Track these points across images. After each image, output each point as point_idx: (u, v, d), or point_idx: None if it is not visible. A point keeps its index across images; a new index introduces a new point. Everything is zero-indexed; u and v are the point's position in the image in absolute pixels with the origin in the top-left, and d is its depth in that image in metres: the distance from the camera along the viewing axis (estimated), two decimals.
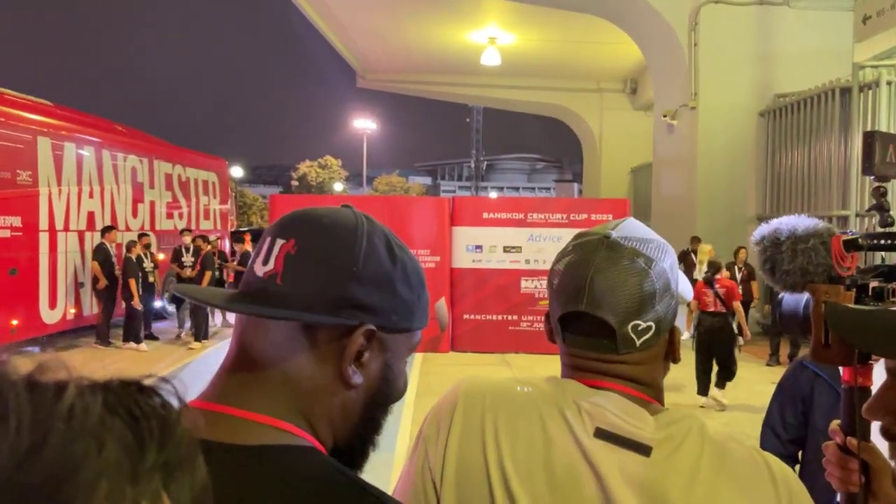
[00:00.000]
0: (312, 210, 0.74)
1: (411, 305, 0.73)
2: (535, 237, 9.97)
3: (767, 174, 11.69)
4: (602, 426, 0.84)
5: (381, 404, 0.74)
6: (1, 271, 8.94)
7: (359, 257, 0.69)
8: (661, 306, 0.88)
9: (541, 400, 0.89)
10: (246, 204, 42.35)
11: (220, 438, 0.63)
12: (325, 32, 17.39)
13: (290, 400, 0.68)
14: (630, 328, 0.87)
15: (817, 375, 1.92)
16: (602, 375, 0.89)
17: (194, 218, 14.34)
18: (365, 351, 0.70)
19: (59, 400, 0.35)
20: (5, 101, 9.43)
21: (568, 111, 21.67)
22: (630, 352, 0.88)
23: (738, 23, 11.65)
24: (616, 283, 0.87)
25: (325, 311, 0.67)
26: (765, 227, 1.69)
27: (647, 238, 0.92)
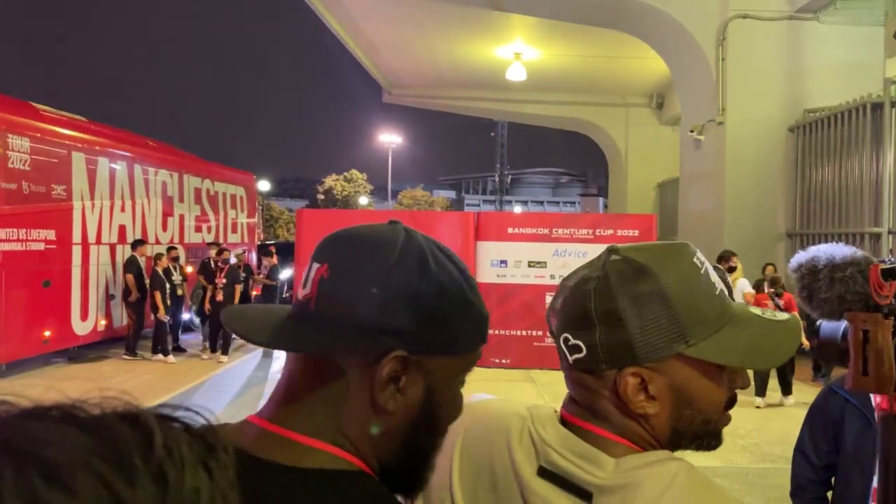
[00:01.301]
0: (351, 230, 0.74)
1: (451, 328, 0.70)
2: (560, 252, 9.93)
3: (797, 190, 11.53)
4: (544, 465, 0.81)
5: (426, 431, 0.72)
6: (35, 283, 9.14)
7: (387, 280, 0.67)
8: (598, 332, 0.79)
9: (496, 427, 0.87)
10: (272, 217, 42.81)
11: (275, 458, 0.65)
12: (352, 49, 17.58)
13: (334, 424, 0.68)
14: (562, 340, 0.83)
15: (847, 401, 1.90)
16: (573, 405, 0.85)
17: (222, 231, 14.54)
18: (401, 376, 0.68)
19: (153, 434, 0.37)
20: (41, 117, 9.68)
21: (593, 126, 21.60)
22: (568, 367, 0.84)
23: (766, 37, 11.55)
24: (564, 294, 0.85)
25: (353, 337, 0.67)
26: (802, 254, 1.67)
27: (639, 264, 0.81)
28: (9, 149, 8.58)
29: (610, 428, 0.82)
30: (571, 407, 0.86)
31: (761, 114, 11.50)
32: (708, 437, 0.85)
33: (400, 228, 0.72)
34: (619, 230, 10.03)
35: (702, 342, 0.80)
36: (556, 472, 0.79)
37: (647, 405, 0.80)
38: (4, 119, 8.64)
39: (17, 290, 8.78)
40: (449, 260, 0.72)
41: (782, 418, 7.16)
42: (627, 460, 0.79)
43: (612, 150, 21.79)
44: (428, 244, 0.72)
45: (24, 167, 8.83)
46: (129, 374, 9.26)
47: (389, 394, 0.68)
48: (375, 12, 14.92)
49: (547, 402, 8.63)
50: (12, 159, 8.63)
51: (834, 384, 2.02)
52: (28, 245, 8.94)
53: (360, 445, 0.69)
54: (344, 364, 0.68)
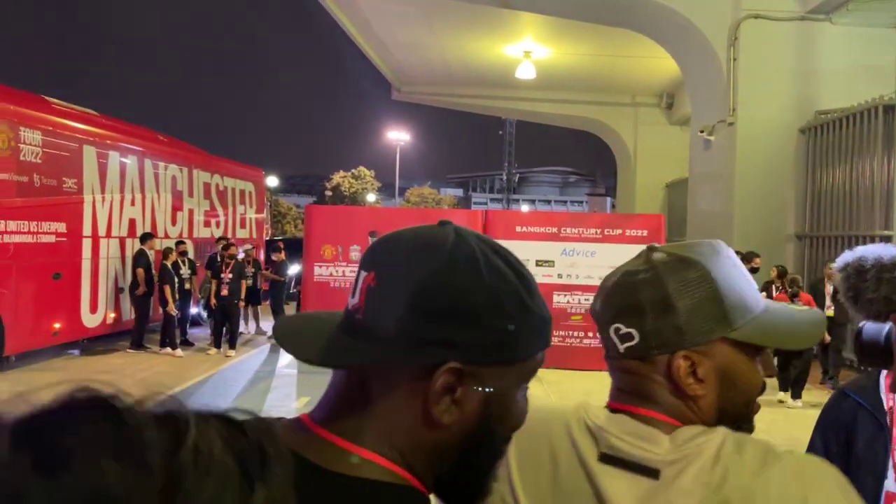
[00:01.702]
0: (397, 235, 0.71)
1: (509, 335, 0.66)
2: (568, 251, 9.93)
3: (807, 192, 11.47)
4: (606, 450, 0.84)
5: (485, 443, 0.68)
6: (45, 276, 9.20)
7: (436, 287, 0.64)
8: (649, 319, 0.85)
9: (554, 420, 0.90)
10: (280, 213, 42.91)
11: (322, 463, 0.64)
12: (362, 46, 17.59)
13: (385, 436, 0.66)
14: (612, 331, 0.88)
15: (859, 405, 1.88)
16: (623, 394, 0.89)
17: (231, 226, 14.59)
18: (456, 388, 0.64)
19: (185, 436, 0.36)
20: (53, 110, 9.73)
21: (602, 125, 21.54)
22: (617, 357, 0.88)
23: (778, 38, 11.49)
24: (615, 287, 0.89)
25: (404, 350, 0.64)
26: (848, 254, 1.66)
27: (683, 256, 0.88)
28: (21, 142, 8.63)
29: (660, 410, 0.86)
30: (618, 395, 0.90)
31: (772, 114, 11.45)
32: (744, 420, 0.91)
33: (450, 230, 0.68)
34: (627, 230, 10.02)
35: (744, 325, 0.87)
36: (618, 456, 0.83)
37: (696, 387, 0.85)
38: (17, 112, 8.69)
39: (28, 282, 8.84)
40: (504, 261, 0.68)
41: (791, 421, 7.13)
42: (680, 433, 0.84)
43: (620, 150, 21.73)
44: (480, 246, 0.67)
45: (36, 160, 8.89)
46: (138, 367, 9.31)
47: (444, 407, 0.64)
48: (386, 10, 14.93)
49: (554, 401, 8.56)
50: (24, 152, 8.68)
51: (846, 387, 2.01)
52: (39, 237, 9.00)
53: (412, 459, 0.66)
54: (396, 376, 0.66)
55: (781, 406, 7.91)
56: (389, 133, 52.28)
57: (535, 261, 9.93)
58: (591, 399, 0.95)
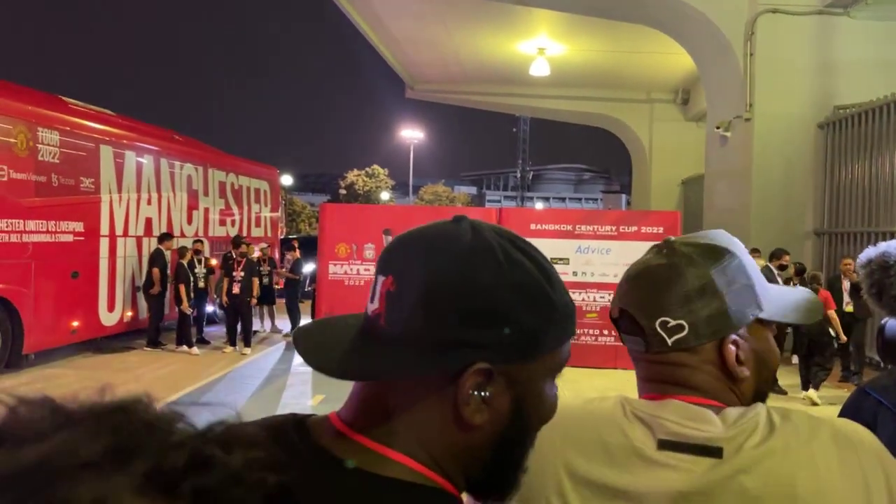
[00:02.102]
0: (413, 234, 0.69)
1: (535, 330, 0.64)
2: (583, 249, 9.88)
3: (826, 188, 11.35)
4: (664, 437, 0.83)
5: (517, 439, 0.68)
6: (63, 274, 9.29)
7: (457, 287, 0.62)
8: (697, 307, 0.85)
9: (599, 413, 0.90)
10: (295, 211, 43.06)
11: (360, 466, 0.63)
12: (376, 44, 17.60)
13: (414, 438, 0.65)
14: (658, 325, 0.86)
15: (880, 403, 1.85)
16: (663, 385, 0.89)
17: (246, 225, 14.66)
18: (486, 388, 0.63)
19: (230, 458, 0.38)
20: (70, 110, 9.82)
21: (617, 122, 21.42)
22: (663, 351, 0.87)
23: (796, 32, 11.37)
24: (649, 281, 0.88)
25: (429, 355, 0.62)
26: (872, 249, 1.63)
27: (708, 243, 0.91)
28: (39, 142, 8.72)
29: (706, 396, 0.87)
30: (657, 387, 0.90)
31: (790, 110, 11.33)
32: (765, 398, 0.94)
33: (466, 226, 0.66)
34: (643, 227, 9.95)
35: (768, 305, 0.91)
36: (678, 440, 0.83)
37: (742, 370, 0.88)
38: (35, 112, 8.78)
39: (47, 281, 8.94)
40: (523, 254, 0.66)
41: None
42: (727, 414, 0.85)
43: (635, 147, 21.60)
44: (498, 240, 0.66)
45: (54, 160, 8.97)
46: (154, 365, 9.39)
47: (475, 408, 0.63)
48: (399, 8, 14.93)
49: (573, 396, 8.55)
50: (42, 152, 8.77)
51: (867, 386, 1.98)
52: (57, 237, 9.09)
53: (444, 462, 0.66)
54: (424, 380, 0.65)
55: (796, 401, 7.83)
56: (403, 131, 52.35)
57: (550, 258, 9.75)
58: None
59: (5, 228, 8.23)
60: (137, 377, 8.60)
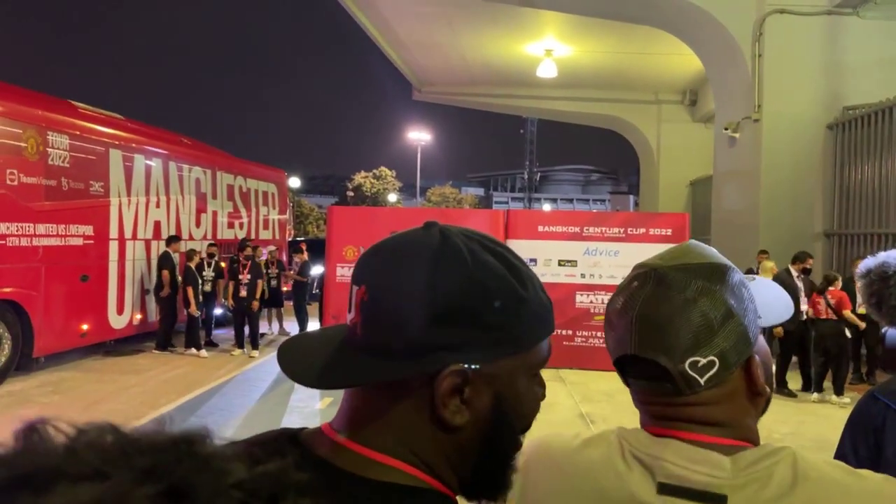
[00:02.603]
0: (383, 244, 0.70)
1: (504, 329, 0.65)
2: (591, 251, 9.86)
3: (835, 189, 11.27)
4: (664, 480, 0.77)
5: (502, 437, 0.69)
6: (73, 278, 9.34)
7: (427, 292, 0.64)
8: (722, 338, 0.78)
9: (592, 456, 0.84)
10: (303, 214, 43.16)
11: (361, 473, 0.65)
12: (383, 47, 17.63)
13: (403, 443, 0.66)
14: (688, 366, 0.78)
15: (889, 407, 1.84)
16: (671, 422, 0.82)
17: (254, 228, 14.70)
18: (463, 388, 0.64)
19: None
20: (80, 114, 9.88)
21: (625, 123, 21.38)
22: (696, 391, 0.79)
23: (804, 33, 11.31)
24: (664, 320, 0.79)
25: (404, 360, 0.64)
26: (871, 260, 1.62)
27: (704, 263, 0.83)
28: (49, 146, 8.78)
29: (725, 434, 0.81)
30: (663, 422, 0.83)
31: (799, 111, 11.27)
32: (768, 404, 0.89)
33: (435, 232, 0.68)
34: (651, 228, 9.92)
35: (763, 312, 0.85)
36: (679, 485, 0.77)
37: (765, 387, 0.84)
38: (44, 117, 8.84)
39: (56, 284, 8.98)
40: (493, 255, 0.67)
41: (820, 422, 7.02)
42: (743, 456, 0.78)
43: (643, 148, 21.55)
44: (467, 243, 0.67)
45: (64, 164, 9.03)
46: (163, 368, 9.42)
47: (454, 409, 0.65)
48: (406, 10, 14.95)
49: (577, 401, 8.56)
50: (52, 156, 8.82)
51: (876, 390, 1.97)
52: (67, 240, 9.14)
53: (432, 463, 0.67)
54: (403, 385, 0.66)
55: (806, 403, 7.77)
56: (410, 133, 52.37)
57: (558, 261, 9.87)
58: (616, 399, 0.91)
59: (16, 232, 8.29)
60: (146, 380, 8.64)
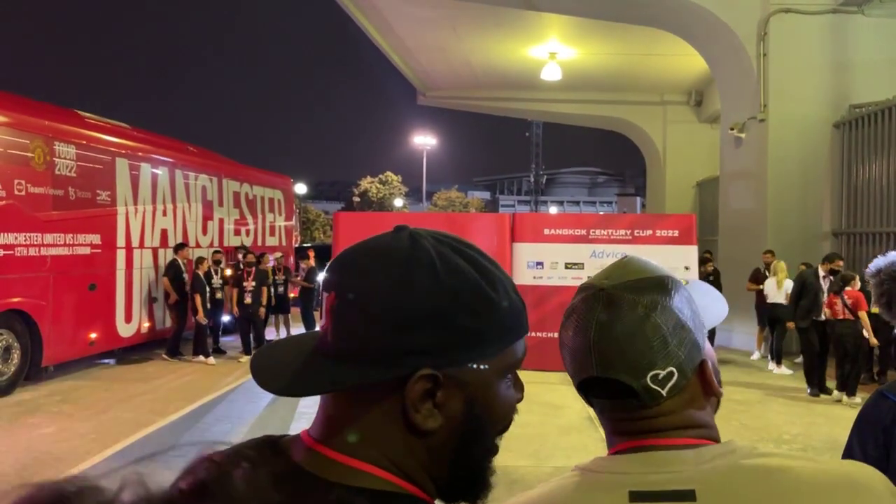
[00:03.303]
0: (352, 250, 0.70)
1: (476, 332, 0.65)
2: (597, 253, 9.82)
3: (843, 188, 11.22)
4: (634, 488, 0.78)
5: (477, 440, 0.69)
6: (81, 287, 9.38)
7: (397, 297, 0.64)
8: (676, 348, 0.81)
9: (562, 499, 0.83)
10: (309, 220, 43.28)
11: (331, 478, 0.65)
12: (387, 51, 17.68)
13: (377, 448, 0.66)
14: (650, 380, 0.81)
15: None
16: (641, 435, 0.83)
17: (260, 234, 14.74)
18: (436, 392, 0.64)
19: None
20: (86, 124, 9.93)
21: (630, 124, 21.35)
22: (659, 403, 0.82)
23: (809, 32, 11.27)
24: (622, 340, 0.81)
25: (375, 366, 0.64)
26: (881, 259, 1.61)
27: (646, 278, 0.85)
28: (56, 156, 8.82)
29: (689, 435, 0.83)
30: (628, 438, 0.84)
31: (805, 110, 11.22)
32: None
33: (404, 236, 0.68)
34: (658, 230, 9.89)
35: (704, 315, 0.88)
36: (649, 490, 0.77)
37: (717, 386, 0.86)
38: (51, 127, 8.88)
39: (65, 293, 9.02)
40: (464, 258, 0.67)
41: (830, 423, 6.96)
42: (707, 450, 0.80)
43: (649, 149, 21.51)
44: (437, 247, 0.67)
45: (71, 174, 9.07)
46: (171, 376, 9.44)
47: (427, 413, 0.65)
48: (409, 15, 14.98)
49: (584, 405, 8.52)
50: (59, 166, 8.87)
51: (884, 389, 1.95)
52: (74, 249, 9.18)
53: (407, 467, 0.67)
54: (375, 390, 0.66)
55: (817, 404, 7.73)
56: (416, 138, 52.41)
57: (565, 263, 9.84)
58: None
59: (24, 242, 8.33)
60: (155, 388, 8.65)
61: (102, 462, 5.75)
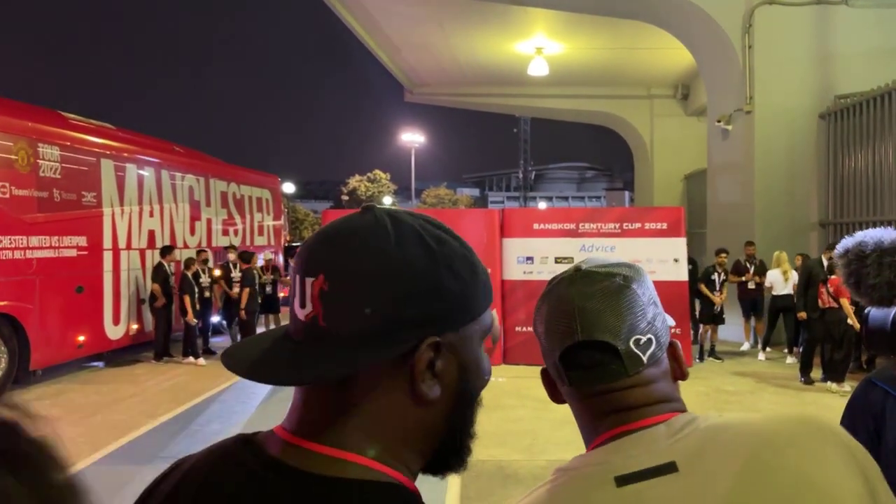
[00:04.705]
0: (327, 231, 0.68)
1: (466, 296, 0.68)
2: (587, 247, 9.83)
3: (829, 178, 11.29)
4: (618, 474, 0.78)
5: (466, 405, 0.70)
6: (68, 289, 9.29)
7: (393, 273, 0.64)
8: (653, 319, 0.85)
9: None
10: (298, 219, 43.10)
11: (310, 470, 0.63)
12: (373, 48, 17.62)
13: (363, 433, 0.65)
14: (633, 344, 0.82)
15: (888, 393, 1.82)
16: (617, 414, 0.83)
17: (249, 234, 14.66)
18: (436, 361, 0.65)
19: None
20: (70, 125, 9.83)
21: (618, 119, 21.40)
22: (639, 371, 0.83)
23: (794, 23, 11.32)
24: (603, 304, 0.83)
25: (380, 341, 0.63)
26: (849, 239, 1.60)
27: (618, 262, 0.89)
28: (39, 158, 8.73)
29: (665, 409, 0.84)
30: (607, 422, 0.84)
31: (791, 101, 11.28)
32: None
33: (382, 213, 0.68)
34: (646, 223, 9.91)
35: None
36: (632, 472, 0.78)
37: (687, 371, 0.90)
38: (34, 129, 8.79)
39: (51, 296, 8.93)
40: (443, 231, 0.70)
41: (821, 410, 6.98)
42: (676, 420, 0.82)
43: (637, 143, 21.58)
44: (416, 221, 0.69)
45: (55, 175, 8.98)
46: (161, 378, 9.37)
47: (430, 383, 0.65)
48: (395, 11, 14.93)
49: None
50: (43, 168, 8.77)
51: (873, 376, 1.95)
52: (60, 252, 9.09)
53: (394, 451, 0.66)
54: (374, 369, 0.65)
55: (806, 392, 7.78)
56: (404, 135, 52.29)
57: (554, 258, 9.85)
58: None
59: (9, 245, 8.24)
60: (144, 390, 8.59)
61: (93, 465, 5.70)
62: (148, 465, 5.67)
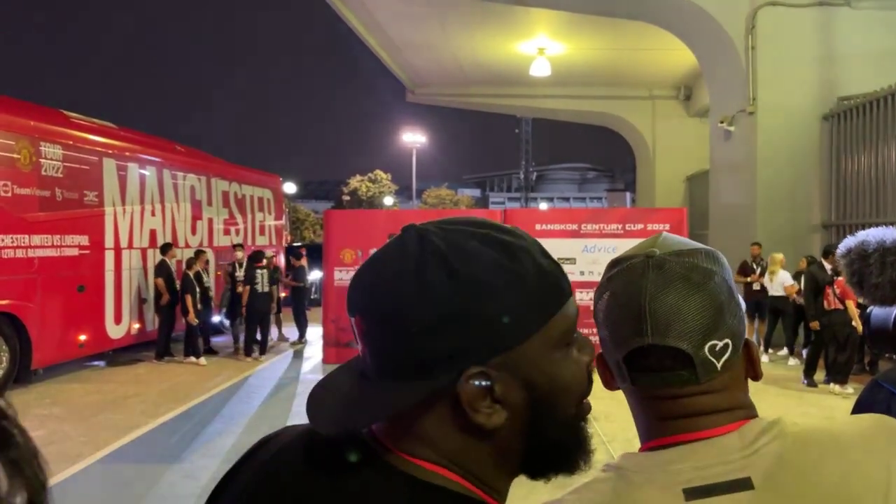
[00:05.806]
0: (365, 267, 0.67)
1: (510, 314, 0.61)
2: (589, 248, 9.82)
3: (832, 180, 11.27)
4: (686, 488, 0.73)
5: (545, 419, 0.65)
6: (70, 288, 9.28)
7: (420, 303, 0.60)
8: (731, 318, 0.76)
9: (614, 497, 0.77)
10: (299, 219, 43.08)
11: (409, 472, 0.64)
12: (375, 49, 17.61)
13: (443, 454, 0.64)
14: (707, 350, 0.75)
15: (893, 395, 1.81)
16: (684, 420, 0.77)
17: (250, 234, 14.65)
18: (493, 387, 0.61)
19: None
20: (73, 124, 9.82)
21: (620, 120, 21.38)
22: (711, 378, 0.76)
23: (797, 25, 11.31)
24: (678, 305, 0.75)
25: (415, 379, 0.61)
26: (851, 239, 1.60)
27: (695, 248, 0.80)
28: (42, 157, 8.72)
29: (736, 417, 0.77)
30: (672, 426, 0.78)
31: (793, 103, 11.26)
32: None
33: (411, 237, 0.64)
34: (649, 224, 9.89)
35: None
36: (704, 484, 0.72)
37: (760, 369, 0.83)
38: (37, 127, 8.78)
39: (53, 295, 8.93)
40: (476, 239, 0.63)
41: (823, 413, 6.99)
42: (749, 429, 0.76)
43: (639, 144, 21.55)
44: (446, 237, 0.63)
45: (57, 174, 8.97)
46: (163, 377, 9.36)
47: (488, 411, 0.62)
48: (396, 11, 14.92)
49: None
50: (45, 167, 8.77)
51: (879, 378, 1.94)
52: (62, 251, 9.08)
53: (475, 471, 0.65)
54: (427, 403, 0.63)
55: (809, 394, 7.76)
56: (405, 135, 52.29)
57: (557, 259, 9.80)
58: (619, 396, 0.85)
59: (10, 244, 8.23)
60: (145, 389, 8.58)
61: (93, 465, 5.69)
62: (148, 465, 5.66)
